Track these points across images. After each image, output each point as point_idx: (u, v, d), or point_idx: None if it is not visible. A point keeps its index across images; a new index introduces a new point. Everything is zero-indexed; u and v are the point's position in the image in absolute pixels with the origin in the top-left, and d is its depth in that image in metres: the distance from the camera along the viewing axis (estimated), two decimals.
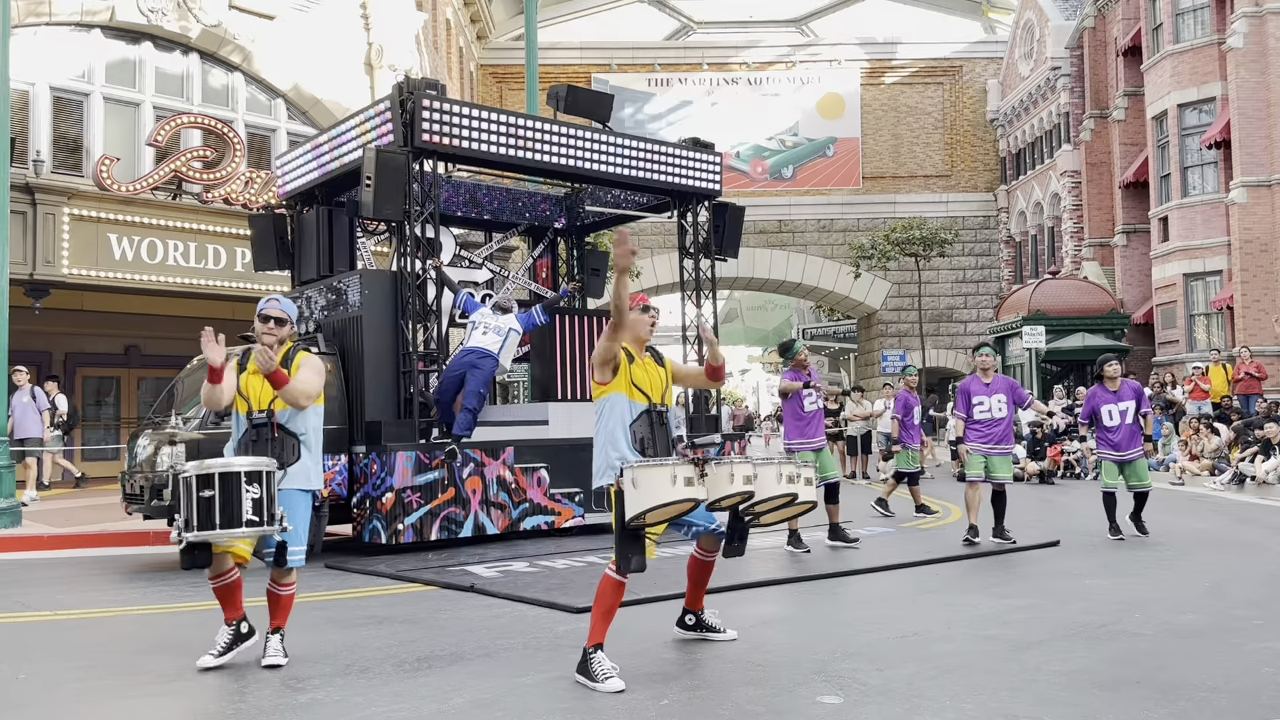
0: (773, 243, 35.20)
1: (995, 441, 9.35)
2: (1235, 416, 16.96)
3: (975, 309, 35.16)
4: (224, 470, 4.85)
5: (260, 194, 16.87)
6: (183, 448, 9.14)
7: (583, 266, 14.19)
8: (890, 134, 35.92)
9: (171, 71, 18.23)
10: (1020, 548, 9.16)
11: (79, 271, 15.51)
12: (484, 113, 10.59)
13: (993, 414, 9.34)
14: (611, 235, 24.56)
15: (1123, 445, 9.84)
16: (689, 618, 5.62)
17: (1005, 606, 6.46)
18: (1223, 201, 23.55)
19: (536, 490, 10.54)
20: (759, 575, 7.90)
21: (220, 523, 4.81)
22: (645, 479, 4.72)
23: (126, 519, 10.84)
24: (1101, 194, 29.77)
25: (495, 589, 7.30)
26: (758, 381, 64.59)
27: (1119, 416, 9.80)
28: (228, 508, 4.81)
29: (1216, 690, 4.45)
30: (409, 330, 10.19)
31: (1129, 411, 9.80)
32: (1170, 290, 25.10)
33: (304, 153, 11.65)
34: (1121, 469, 9.89)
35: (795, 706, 4.30)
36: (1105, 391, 9.94)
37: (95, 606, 7.32)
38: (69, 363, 19.82)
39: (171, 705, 4.60)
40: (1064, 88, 30.93)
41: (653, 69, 35.79)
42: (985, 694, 4.43)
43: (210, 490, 4.82)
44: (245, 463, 4.90)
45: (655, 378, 5.15)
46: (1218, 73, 23.75)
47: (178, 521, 4.93)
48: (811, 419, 9.42)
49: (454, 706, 4.39)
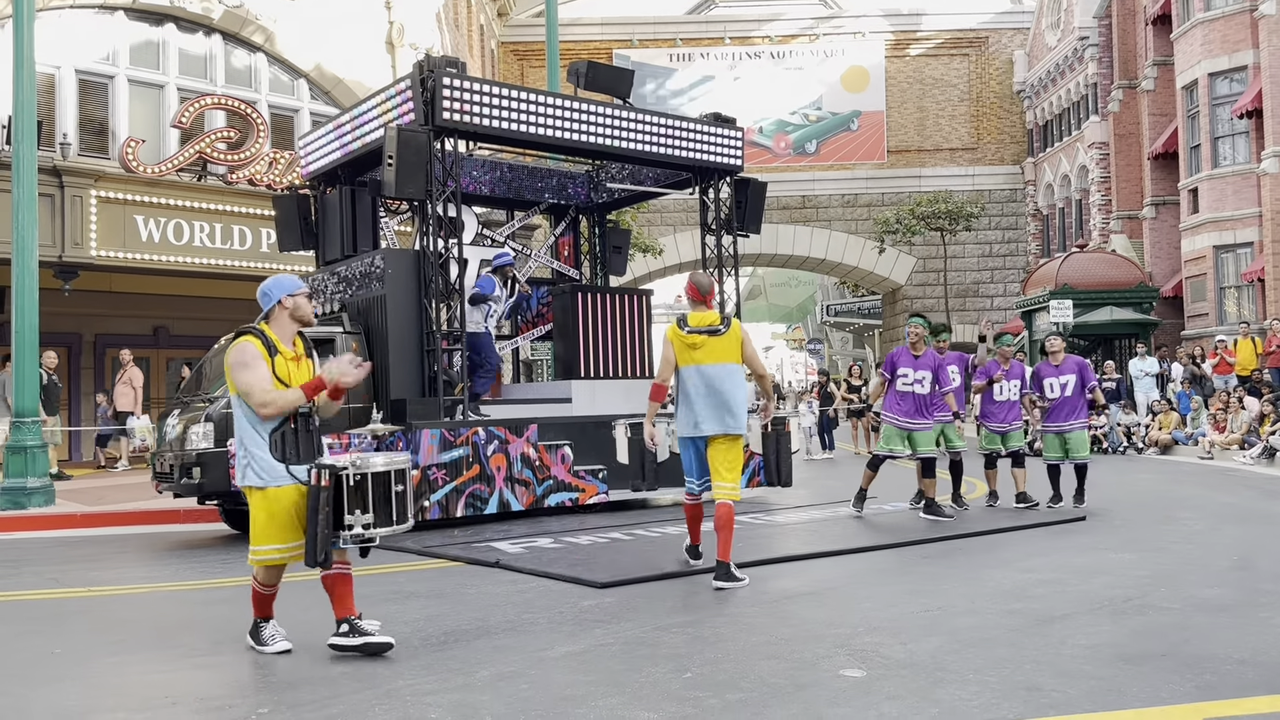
0: (796, 218, 35.01)
1: (912, 415, 9.44)
2: (1266, 390, 16.77)
3: (1002, 283, 34.87)
4: (403, 467, 4.87)
5: (284, 174, 16.96)
6: (211, 426, 9.26)
7: (605, 244, 14.18)
8: (915, 107, 35.57)
9: (194, 53, 18.31)
10: (1045, 523, 9.13)
11: (107, 253, 15.66)
12: (504, 90, 10.58)
13: (914, 390, 9.43)
14: (633, 213, 24.49)
15: (1062, 418, 10.01)
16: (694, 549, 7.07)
17: (1029, 580, 6.44)
18: (1254, 172, 23.18)
19: (560, 467, 10.58)
20: (785, 550, 7.92)
21: (398, 518, 4.81)
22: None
23: (157, 497, 10.99)
24: (1130, 165, 29.37)
25: (520, 564, 7.35)
26: (781, 359, 64.44)
27: (1059, 390, 9.98)
28: (403, 502, 4.83)
29: (1243, 663, 4.43)
30: (432, 309, 10.23)
31: (1069, 385, 9.97)
32: (1200, 263, 24.77)
33: (326, 133, 11.69)
34: (1064, 441, 10.05)
35: (818, 680, 4.32)
36: (1048, 365, 10.17)
37: (128, 583, 7.44)
38: (98, 344, 20.05)
39: (204, 678, 4.68)
40: (1092, 58, 30.48)
41: (674, 44, 35.57)
42: (1009, 667, 4.43)
43: (402, 485, 4.82)
44: (403, 459, 4.91)
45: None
46: (1249, 40, 23.32)
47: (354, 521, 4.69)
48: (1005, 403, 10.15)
49: (479, 679, 4.44)
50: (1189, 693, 4.05)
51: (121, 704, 4.27)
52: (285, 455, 4.79)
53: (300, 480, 4.77)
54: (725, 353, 6.56)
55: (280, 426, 4.81)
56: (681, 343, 6.62)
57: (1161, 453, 17.48)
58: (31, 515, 11.12)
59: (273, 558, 4.83)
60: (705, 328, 6.58)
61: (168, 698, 4.33)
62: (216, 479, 9.24)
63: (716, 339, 6.55)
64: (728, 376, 6.54)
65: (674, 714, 3.89)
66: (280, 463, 4.78)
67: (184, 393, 10.84)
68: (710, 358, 6.55)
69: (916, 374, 9.41)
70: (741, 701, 4.03)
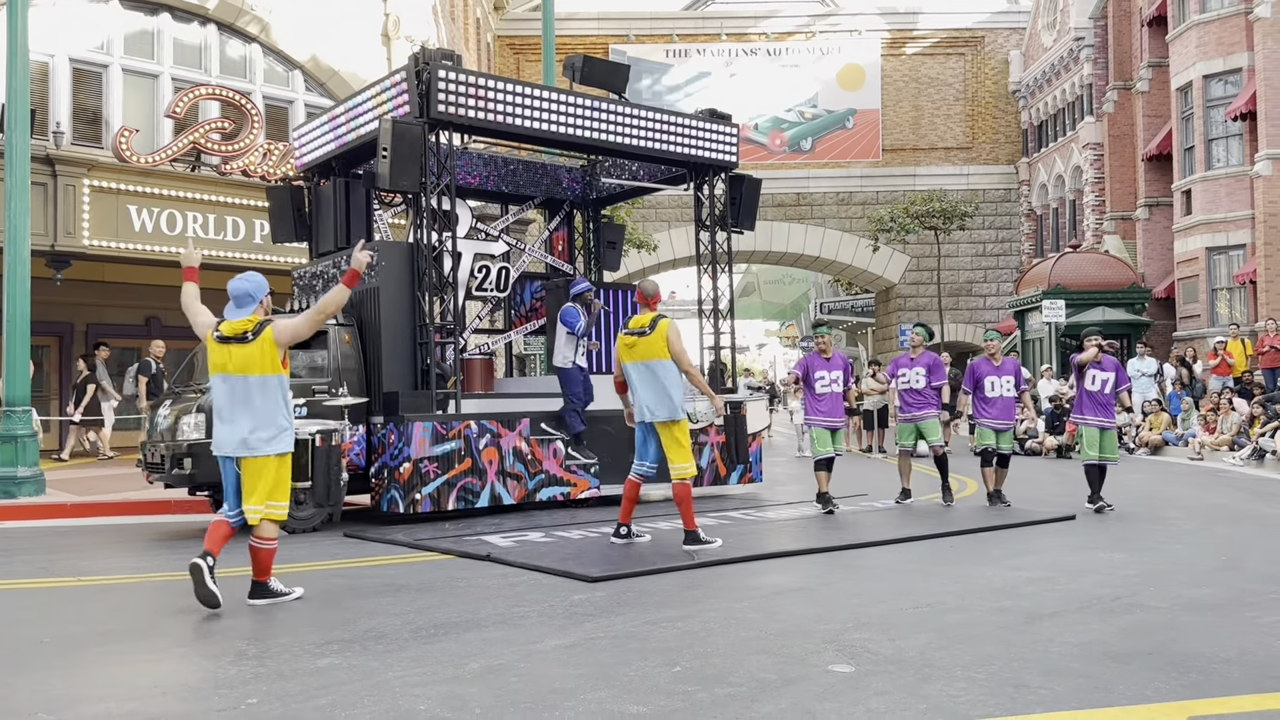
0: (791, 215, 35.02)
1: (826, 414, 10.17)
2: (1258, 391, 16.83)
3: (995, 283, 34.93)
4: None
5: (278, 166, 16.90)
6: (204, 417, 9.23)
7: (599, 240, 14.18)
8: (911, 105, 35.59)
9: (189, 43, 18.23)
10: (1034, 521, 9.17)
11: (99, 243, 15.59)
12: (499, 84, 10.56)
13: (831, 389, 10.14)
14: (628, 208, 24.48)
15: (1000, 415, 10.46)
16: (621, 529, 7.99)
17: (1018, 578, 6.47)
18: (1247, 174, 23.25)
19: (552, 461, 10.59)
20: (776, 546, 7.94)
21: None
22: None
23: (147, 488, 10.97)
24: (1124, 167, 29.43)
25: (511, 558, 7.36)
26: (774, 355, 64.46)
27: (999, 388, 10.42)
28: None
29: (1229, 662, 4.45)
30: (425, 302, 10.22)
31: (1009, 385, 10.45)
32: (1192, 264, 24.84)
33: (321, 124, 11.66)
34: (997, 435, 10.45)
35: (807, 675, 4.33)
36: (989, 365, 10.55)
37: (117, 573, 7.43)
38: (90, 334, 19.98)
39: (193, 668, 4.68)
40: (1087, 59, 30.53)
41: (671, 39, 35.53)
42: (996, 664, 4.45)
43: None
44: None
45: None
46: (1244, 43, 23.37)
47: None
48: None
49: (469, 672, 4.44)
50: (1175, 691, 4.07)
51: (110, 693, 4.26)
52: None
53: None
54: (653, 350, 7.66)
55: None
56: (621, 343, 7.88)
57: (1152, 453, 17.55)
58: (22, 505, 11.09)
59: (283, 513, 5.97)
60: (636, 329, 7.77)
61: (156, 687, 4.32)
62: (208, 470, 9.19)
63: (643, 339, 7.70)
64: (659, 369, 7.65)
65: (663, 707, 3.90)
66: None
67: (176, 383, 10.81)
68: (641, 355, 7.72)
69: (831, 373, 10.22)
70: (730, 696, 4.04)
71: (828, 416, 10.09)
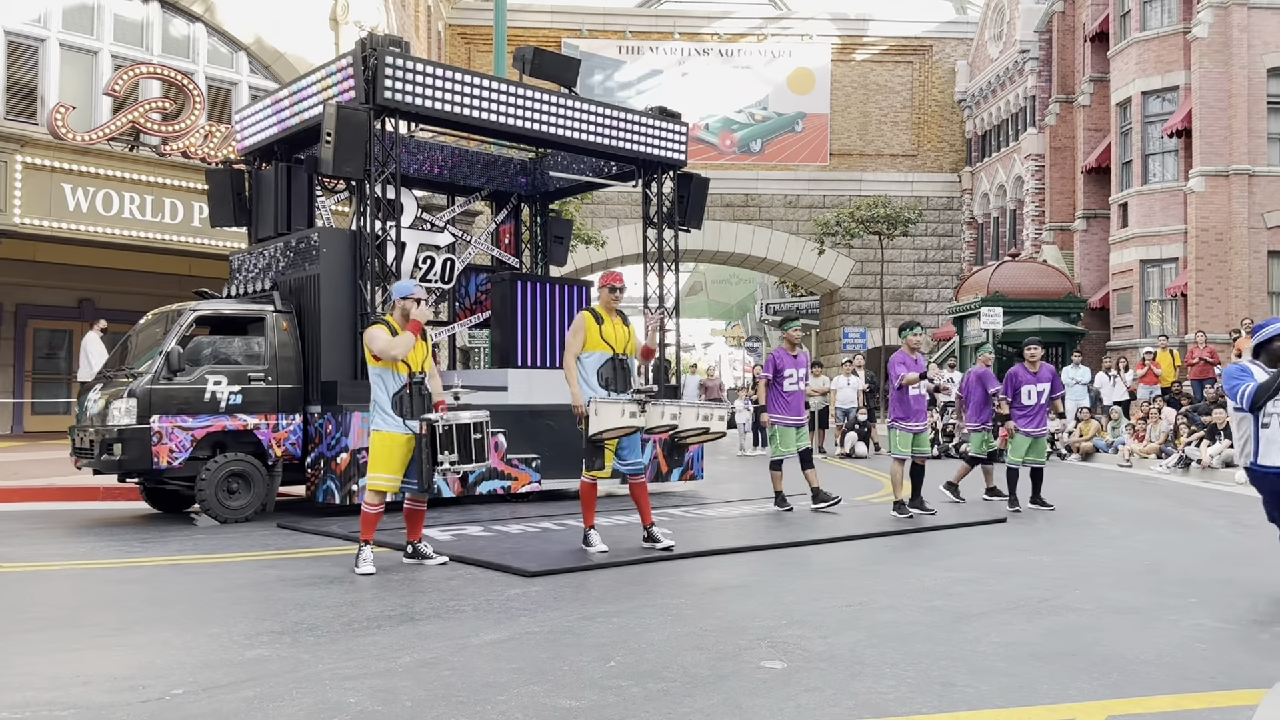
0: (739, 216, 35.22)
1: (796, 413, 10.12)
2: (1185, 401, 17.28)
3: (936, 289, 35.46)
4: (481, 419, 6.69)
5: (219, 148, 16.59)
6: (135, 402, 9.01)
7: (546, 234, 14.12)
8: (859, 111, 35.97)
9: (131, 19, 17.81)
10: (969, 523, 9.32)
11: (31, 221, 15.19)
12: (448, 72, 10.47)
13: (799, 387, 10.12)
14: (576, 203, 24.41)
15: (1034, 423, 10.48)
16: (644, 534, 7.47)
17: (950, 579, 6.57)
18: (1181, 190, 23.88)
19: (493, 455, 10.52)
20: (716, 544, 7.97)
21: (476, 457, 6.60)
22: (605, 409, 6.83)
23: (76, 474, 10.70)
24: (1064, 178, 30.05)
25: (448, 551, 7.30)
26: (720, 355, 64.78)
27: (1036, 397, 10.45)
28: (481, 446, 6.67)
29: (1148, 664, 4.57)
30: (367, 291, 10.10)
31: (1045, 393, 10.47)
32: (1127, 275, 25.45)
33: (264, 107, 11.46)
34: (1030, 446, 10.49)
35: (739, 670, 4.36)
36: (1026, 373, 10.55)
37: (41, 560, 7.24)
38: (19, 314, 19.44)
39: (117, 658, 4.57)
40: (1031, 71, 31.11)
41: (624, 36, 35.51)
42: (925, 662, 4.52)
43: (480, 434, 6.61)
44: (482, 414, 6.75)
45: (620, 335, 7.21)
46: (1182, 62, 24.00)
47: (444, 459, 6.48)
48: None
49: (401, 665, 4.40)
50: (1096, 690, 4.16)
51: (29, 683, 4.15)
52: (401, 411, 6.62)
53: (412, 431, 6.60)
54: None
55: (399, 390, 6.62)
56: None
57: (1083, 459, 17.94)
58: None
59: (382, 484, 6.62)
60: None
61: (78, 677, 4.22)
62: (137, 456, 9.01)
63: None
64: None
65: (595, 702, 3.90)
66: (399, 416, 6.61)
67: (108, 366, 10.55)
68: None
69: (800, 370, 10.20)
70: (663, 691, 4.05)
71: (794, 414, 10.04)
